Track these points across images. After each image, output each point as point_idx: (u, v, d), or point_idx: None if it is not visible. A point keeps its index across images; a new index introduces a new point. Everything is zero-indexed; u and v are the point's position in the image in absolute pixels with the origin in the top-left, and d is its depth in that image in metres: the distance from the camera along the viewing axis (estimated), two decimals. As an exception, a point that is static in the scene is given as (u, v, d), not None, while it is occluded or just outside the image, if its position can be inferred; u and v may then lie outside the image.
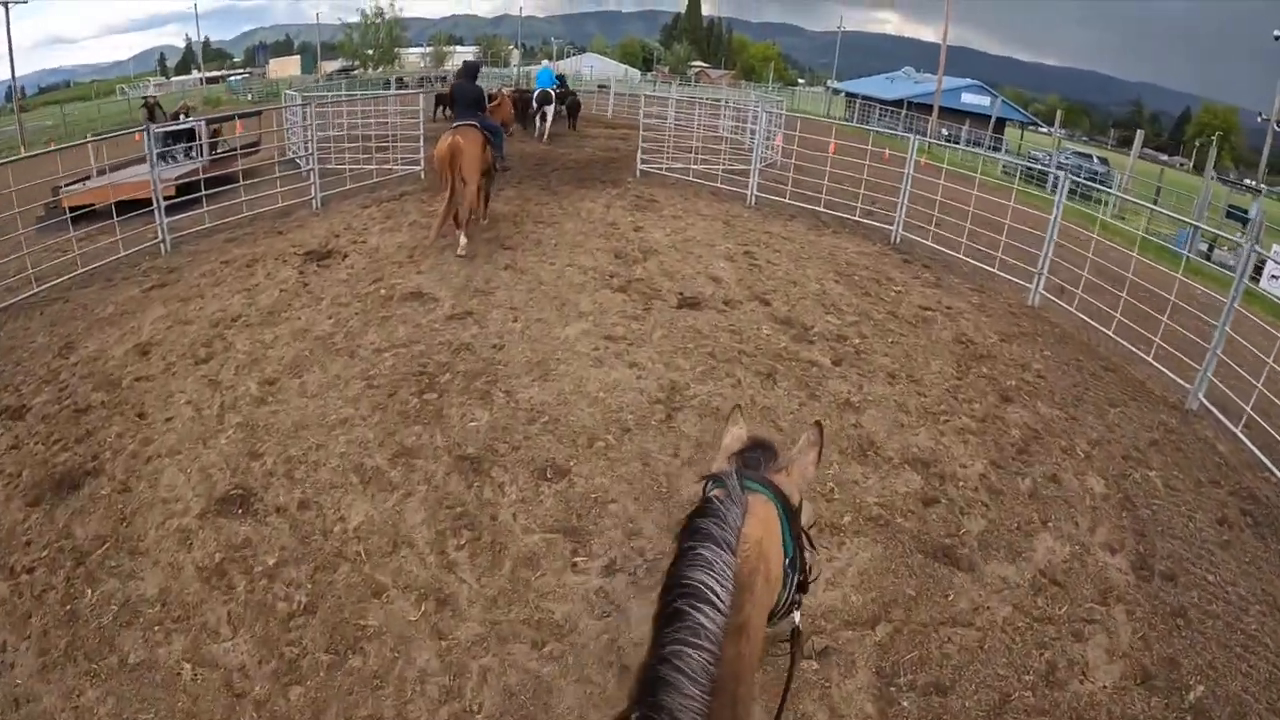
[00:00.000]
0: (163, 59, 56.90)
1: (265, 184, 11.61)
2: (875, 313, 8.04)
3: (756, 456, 1.85)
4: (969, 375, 6.89)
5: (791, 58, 73.16)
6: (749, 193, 12.68)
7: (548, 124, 18.95)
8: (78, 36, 56.29)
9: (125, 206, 10.30)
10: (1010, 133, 42.80)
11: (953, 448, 5.66)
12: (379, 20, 52.52)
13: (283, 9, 62.48)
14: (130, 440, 5.62)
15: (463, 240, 9.10)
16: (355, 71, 46.96)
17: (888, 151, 20.85)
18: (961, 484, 5.26)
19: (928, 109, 39.13)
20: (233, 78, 50.38)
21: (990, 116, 40.46)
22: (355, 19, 53.28)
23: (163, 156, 12.85)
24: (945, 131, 35.70)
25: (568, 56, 61.21)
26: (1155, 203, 22.17)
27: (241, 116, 14.04)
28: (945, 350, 7.36)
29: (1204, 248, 17.71)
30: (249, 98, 29.49)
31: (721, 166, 13.89)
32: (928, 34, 66.44)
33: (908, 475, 5.23)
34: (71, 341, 7.27)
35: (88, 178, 11.87)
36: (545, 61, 23.45)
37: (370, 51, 50.77)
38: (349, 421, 5.55)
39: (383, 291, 7.88)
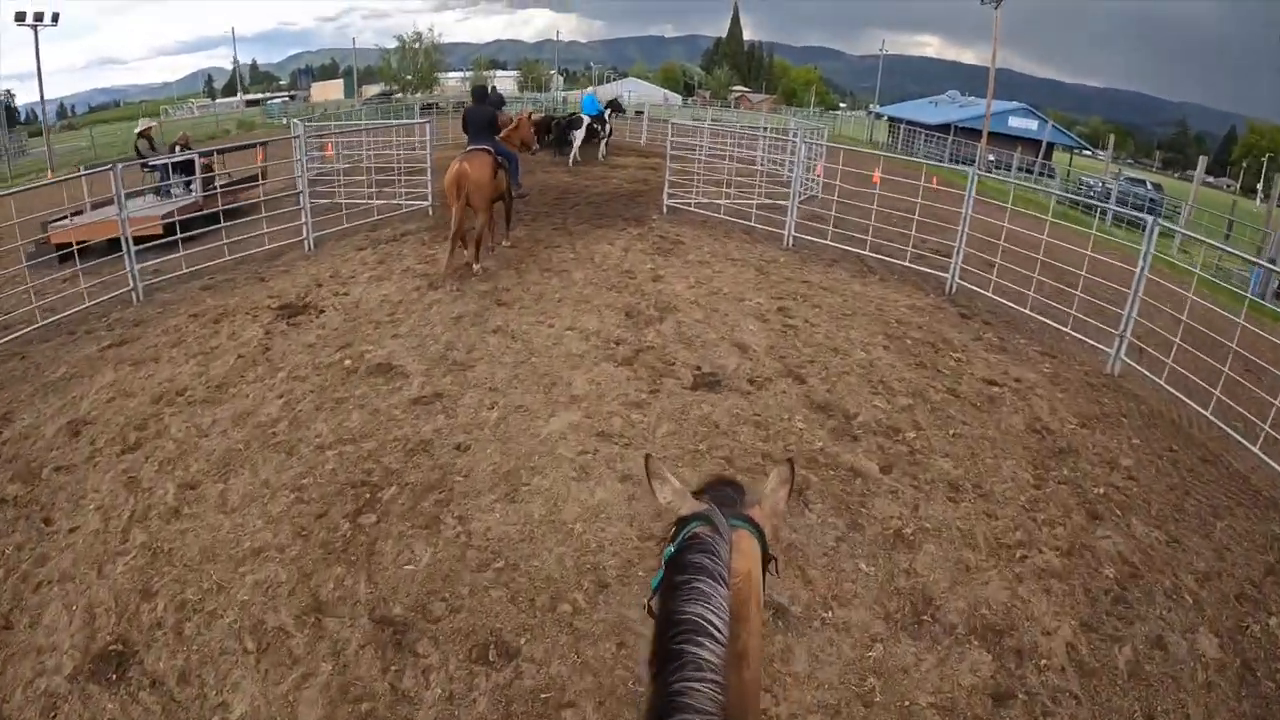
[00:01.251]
0: (210, 81, 57.55)
1: (259, 222, 10.66)
2: (932, 391, 6.71)
3: (728, 494, 1.84)
4: (1048, 481, 5.53)
5: (832, 81, 71.95)
6: (786, 232, 11.39)
7: (574, 148, 18.64)
8: (129, 58, 57.34)
9: (118, 244, 9.44)
10: (1057, 158, 40.75)
11: (1033, 602, 4.30)
12: (417, 45, 52.25)
13: (330, 33, 63.02)
14: (27, 556, 4.63)
15: (477, 266, 9.24)
16: (396, 96, 46.68)
17: (936, 179, 19.42)
18: (1045, 663, 3.91)
19: (973, 134, 37.39)
20: (272, 101, 50.44)
21: (1039, 141, 38.57)
22: (394, 44, 53.27)
23: (158, 191, 12.05)
24: (992, 157, 33.97)
25: (608, 81, 60.52)
26: (1227, 238, 20.32)
27: (245, 147, 13.13)
28: (1017, 444, 6.00)
29: (1275, 285, 15.99)
30: (283, 122, 28.85)
31: (756, 202, 12.60)
32: (968, 56, 65.21)
33: (975, 654, 3.89)
34: (11, 411, 6.36)
35: (79, 212, 11.06)
36: (591, 89, 22.33)
37: (409, 76, 50.47)
38: (263, 553, 4.40)
39: (347, 362, 6.78)
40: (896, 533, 4.77)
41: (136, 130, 13.31)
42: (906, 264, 10.12)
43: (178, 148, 12.98)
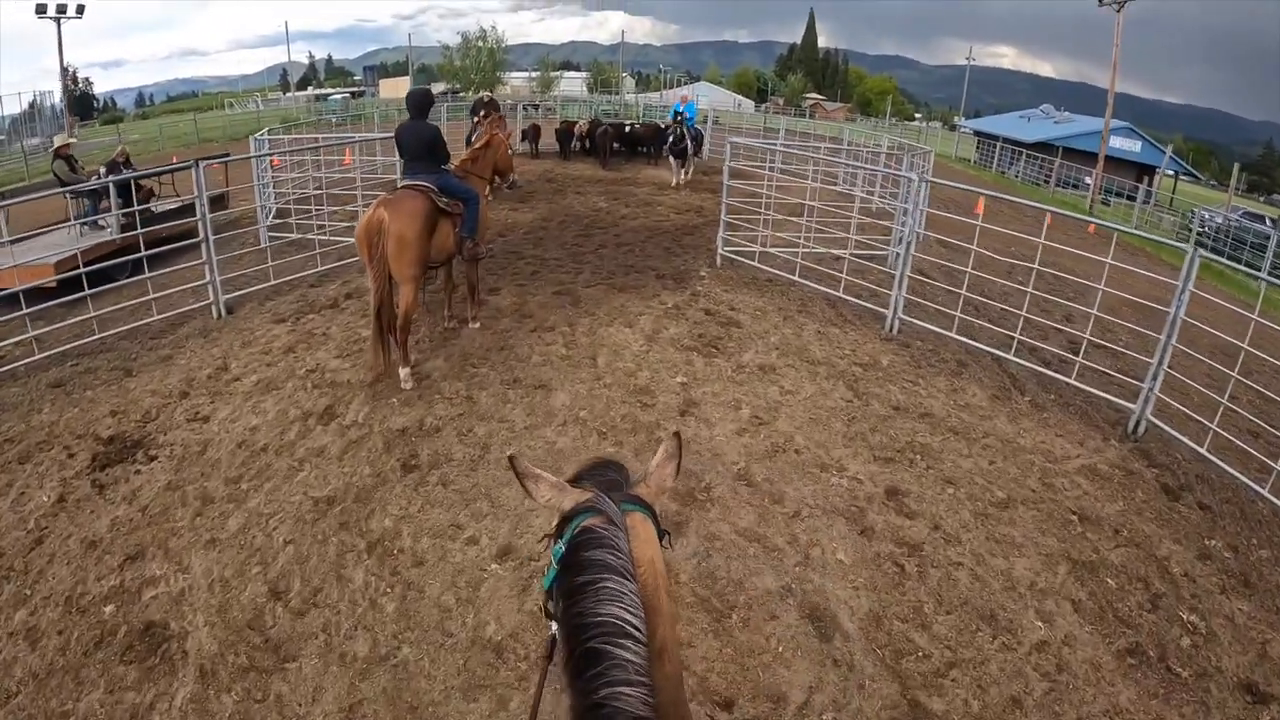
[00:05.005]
0: (285, 75, 55.60)
1: (185, 269, 7.48)
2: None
3: (611, 476, 1.61)
4: None
5: (906, 91, 67.02)
6: (890, 313, 7.50)
7: (684, 164, 15.93)
8: (210, 50, 56.42)
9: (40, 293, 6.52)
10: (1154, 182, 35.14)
11: None
12: (481, 43, 48.87)
13: (406, 30, 60.61)
14: None
15: (404, 373, 5.82)
16: (462, 95, 43.53)
17: (1049, 216, 15.11)
18: None
19: (1071, 153, 32.31)
20: (333, 96, 47.83)
21: (1138, 164, 33.21)
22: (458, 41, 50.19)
23: (88, 222, 9.06)
24: (1088, 180, 29.07)
25: (680, 84, 56.46)
26: None
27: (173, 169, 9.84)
28: None
29: None
30: (334, 120, 25.92)
31: (849, 253, 8.66)
32: (1045, 69, 60.49)
33: None
34: None
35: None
36: (689, 95, 18.55)
37: (473, 75, 47.19)
38: None
39: (109, 609, 3.50)
40: None
41: (53, 148, 10.26)
42: (1072, 380, 6.31)
43: (103, 169, 9.83)
